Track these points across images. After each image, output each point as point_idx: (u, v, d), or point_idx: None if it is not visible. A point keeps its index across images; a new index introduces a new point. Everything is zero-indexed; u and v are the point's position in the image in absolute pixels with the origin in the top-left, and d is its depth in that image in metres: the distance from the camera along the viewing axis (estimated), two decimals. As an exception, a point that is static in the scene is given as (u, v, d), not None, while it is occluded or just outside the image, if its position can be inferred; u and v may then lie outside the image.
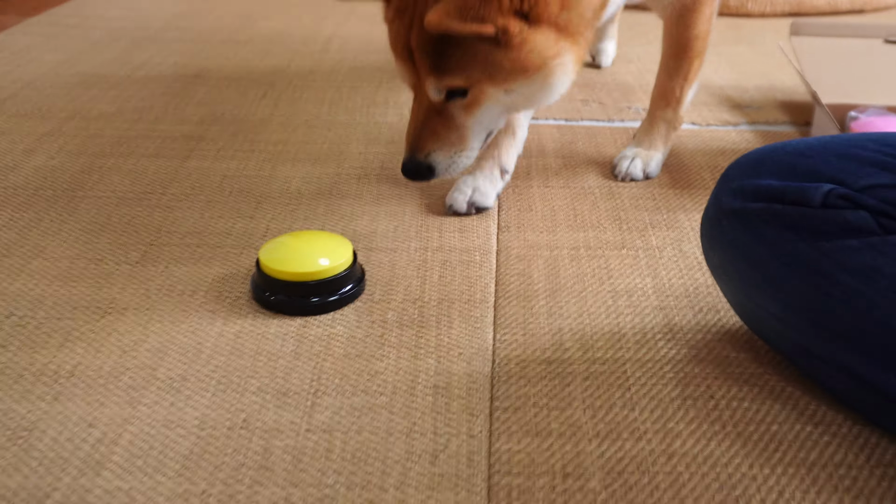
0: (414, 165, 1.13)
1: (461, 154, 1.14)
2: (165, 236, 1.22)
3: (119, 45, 2.18)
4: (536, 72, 1.07)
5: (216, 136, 1.59)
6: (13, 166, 1.44)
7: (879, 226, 0.78)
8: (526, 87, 1.10)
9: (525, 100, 1.13)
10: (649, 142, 1.43)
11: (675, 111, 1.42)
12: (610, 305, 1.07)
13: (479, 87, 1.09)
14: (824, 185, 0.80)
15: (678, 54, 1.36)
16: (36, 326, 1.02)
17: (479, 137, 1.15)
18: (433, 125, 1.12)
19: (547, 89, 1.11)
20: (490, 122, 1.15)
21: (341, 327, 1.02)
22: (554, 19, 1.05)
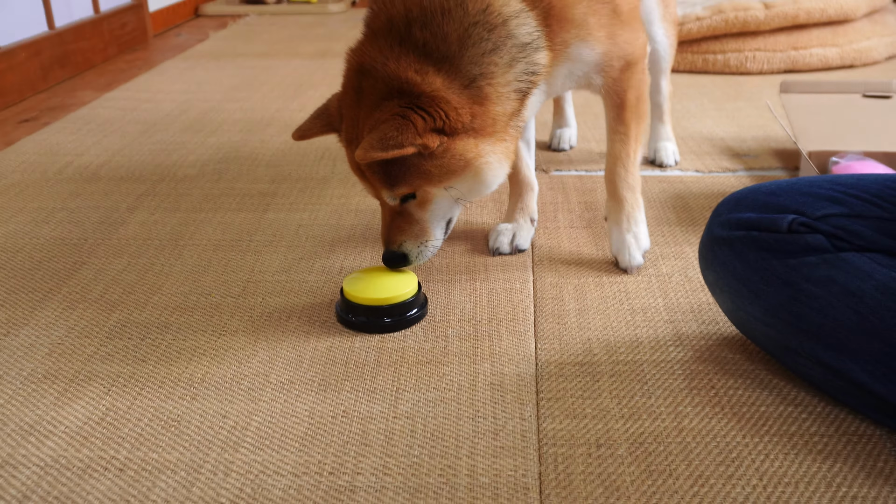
0: (390, 255, 1.31)
1: (427, 243, 1.31)
2: (258, 274, 1.48)
3: (188, 115, 2.47)
4: (464, 171, 1.22)
5: (287, 192, 1.85)
6: (121, 221, 1.71)
7: (832, 245, 1.02)
8: (461, 184, 1.25)
9: (466, 192, 1.27)
10: (626, 218, 1.46)
11: (633, 173, 1.46)
12: (629, 320, 1.31)
13: (423, 190, 1.25)
14: (789, 216, 1.04)
15: (623, 119, 1.41)
16: (167, 346, 1.27)
17: (439, 226, 1.32)
18: (398, 223, 1.30)
19: (481, 182, 1.25)
20: (444, 213, 1.31)
21: (412, 341, 1.26)
22: (469, 127, 1.20)
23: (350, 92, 1.25)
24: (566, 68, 1.32)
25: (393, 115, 1.16)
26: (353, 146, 1.26)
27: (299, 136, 1.35)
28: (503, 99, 1.22)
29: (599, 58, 1.33)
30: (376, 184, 1.25)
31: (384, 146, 1.14)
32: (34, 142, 2.24)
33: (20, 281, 1.47)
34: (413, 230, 1.30)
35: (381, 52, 1.20)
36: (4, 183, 1.94)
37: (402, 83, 1.18)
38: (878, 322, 0.96)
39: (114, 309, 1.37)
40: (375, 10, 1.25)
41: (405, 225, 1.30)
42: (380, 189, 1.26)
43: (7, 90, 2.64)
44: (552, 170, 1.96)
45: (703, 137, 2.17)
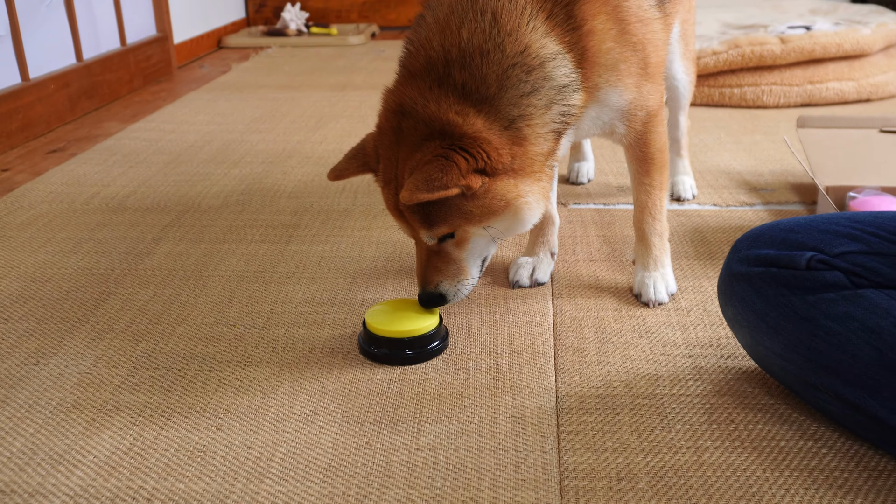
0: (427, 296, 1.31)
1: (464, 282, 1.32)
2: (282, 306, 1.50)
3: (212, 146, 2.51)
4: (504, 211, 1.24)
5: (309, 223, 1.88)
6: (147, 252, 1.75)
7: (851, 282, 1.04)
8: (500, 223, 1.27)
9: (504, 231, 1.29)
10: (654, 261, 1.50)
11: (661, 221, 1.49)
12: (648, 354, 1.32)
13: (462, 230, 1.26)
14: (808, 253, 1.06)
15: (648, 171, 1.45)
16: (192, 376, 1.29)
17: (476, 265, 1.33)
18: (435, 263, 1.30)
19: (519, 221, 1.27)
20: (481, 251, 1.32)
21: (434, 374, 1.28)
22: (509, 167, 1.22)
23: (388, 132, 1.26)
24: (594, 111, 1.34)
25: (436, 156, 1.17)
26: (391, 186, 1.27)
27: (335, 176, 1.35)
28: (541, 140, 1.24)
29: (626, 104, 1.36)
30: (415, 224, 1.26)
31: (430, 187, 1.15)
32: (62, 172, 2.29)
33: (49, 311, 1.50)
34: (450, 270, 1.31)
35: (420, 94, 1.22)
36: (33, 213, 1.98)
37: (444, 124, 1.19)
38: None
39: (140, 339, 1.40)
40: (412, 51, 1.27)
41: (442, 265, 1.30)
42: (419, 229, 1.27)
43: (36, 121, 2.69)
44: (571, 203, 1.98)
45: (720, 171, 2.19)
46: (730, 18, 3.31)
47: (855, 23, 3.07)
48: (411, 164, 1.21)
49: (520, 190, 1.24)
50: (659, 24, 1.40)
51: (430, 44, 1.24)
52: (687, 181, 2.00)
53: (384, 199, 1.32)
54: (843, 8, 3.46)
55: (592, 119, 1.36)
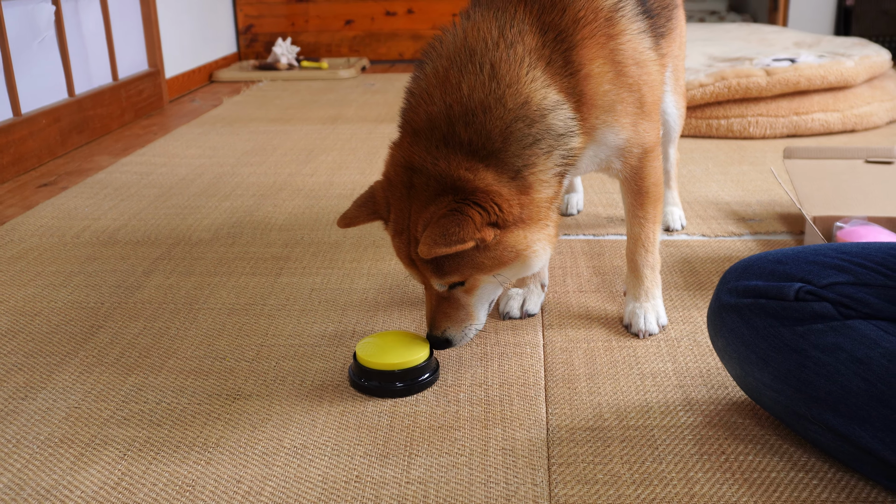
0: (434, 340, 1.33)
1: (471, 326, 1.33)
2: (272, 338, 1.50)
3: (203, 179, 2.52)
4: (514, 261, 1.26)
5: (299, 256, 1.89)
6: (137, 285, 1.74)
7: (839, 313, 1.04)
8: (509, 271, 1.29)
9: (512, 276, 1.31)
10: (645, 293, 1.51)
11: (653, 253, 1.51)
12: (639, 385, 1.32)
13: (472, 278, 1.28)
14: (796, 284, 1.07)
15: (643, 204, 1.47)
16: (182, 410, 1.29)
17: (484, 309, 1.35)
18: (444, 308, 1.32)
19: (528, 268, 1.29)
20: (489, 296, 1.34)
21: (424, 406, 1.28)
22: (518, 219, 1.24)
23: (399, 185, 1.27)
24: (592, 150, 1.36)
25: (451, 211, 1.19)
26: (403, 236, 1.28)
27: (345, 223, 1.35)
28: (545, 186, 1.26)
29: (622, 143, 1.38)
30: (427, 274, 1.27)
31: (448, 242, 1.17)
32: (52, 206, 2.29)
33: (38, 345, 1.50)
34: (458, 315, 1.32)
35: (428, 153, 1.23)
36: (23, 247, 1.98)
37: (456, 180, 1.21)
38: (885, 389, 0.98)
39: (130, 373, 1.39)
40: (413, 105, 1.28)
41: (451, 310, 1.32)
42: (430, 278, 1.28)
43: (27, 155, 2.70)
44: (561, 234, 1.99)
45: (708, 201, 2.21)
46: (716, 51, 3.35)
47: (839, 55, 3.11)
48: (425, 216, 1.22)
49: (529, 240, 1.26)
50: (655, 66, 1.42)
51: (432, 98, 1.25)
52: (676, 212, 2.02)
53: (395, 247, 1.32)
54: (827, 41, 3.51)
55: (590, 157, 1.38)
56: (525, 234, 1.25)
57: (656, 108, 1.44)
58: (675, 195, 2.04)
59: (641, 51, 1.38)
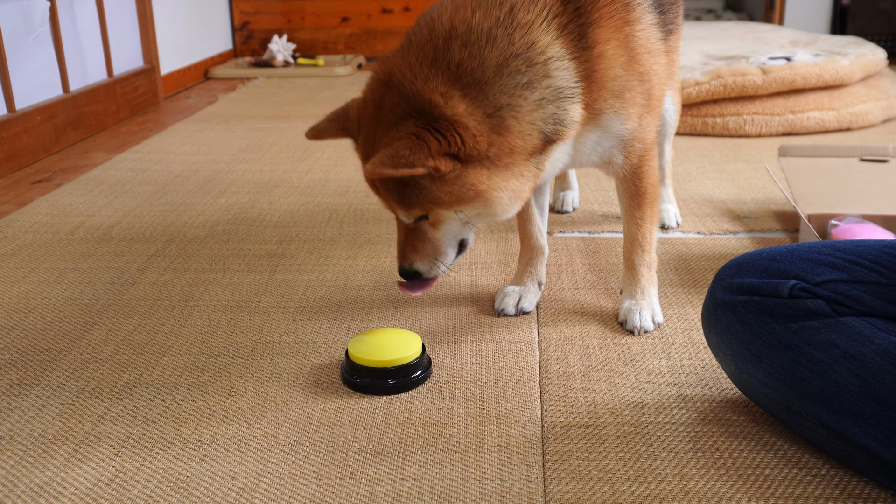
0: (403, 272, 1.34)
1: (438, 260, 1.33)
2: (267, 335, 1.50)
3: (198, 176, 2.52)
4: (474, 201, 1.23)
5: (295, 253, 1.88)
6: (132, 282, 1.74)
7: (833, 310, 1.05)
8: (470, 210, 1.26)
9: (477, 219, 1.29)
10: (641, 291, 1.52)
11: (650, 252, 1.51)
12: (633, 382, 1.32)
13: (434, 213, 1.27)
14: (790, 281, 1.07)
15: (640, 204, 1.47)
16: (177, 406, 1.28)
17: (452, 246, 1.33)
18: (412, 241, 1.32)
19: (491, 213, 1.27)
20: (455, 234, 1.32)
21: (419, 402, 1.28)
22: (484, 155, 1.20)
23: (370, 106, 1.25)
24: (596, 136, 1.35)
25: (409, 134, 1.17)
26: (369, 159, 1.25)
27: (314, 135, 1.35)
28: (525, 135, 1.22)
29: (627, 134, 1.37)
30: (390, 201, 1.28)
31: (395, 164, 1.14)
32: (47, 203, 2.28)
33: (31, 342, 1.49)
34: (426, 248, 1.32)
35: (410, 69, 1.21)
36: (18, 244, 1.97)
37: (424, 104, 1.18)
38: (879, 386, 0.98)
39: (124, 369, 1.39)
40: (420, 23, 1.27)
41: (418, 243, 1.32)
42: (394, 208, 1.29)
43: (22, 152, 2.69)
44: (556, 231, 1.99)
45: (703, 199, 2.21)
46: (712, 50, 3.35)
47: (834, 54, 3.12)
48: (385, 140, 1.20)
49: (492, 182, 1.22)
50: (663, 59, 1.42)
51: (440, 18, 1.24)
52: (671, 209, 2.02)
53: (363, 171, 1.26)
54: (823, 39, 3.51)
55: (593, 144, 1.37)
56: (489, 175, 1.22)
57: (660, 103, 1.45)
58: (670, 192, 2.05)
59: (654, 41, 1.38)
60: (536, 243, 1.60)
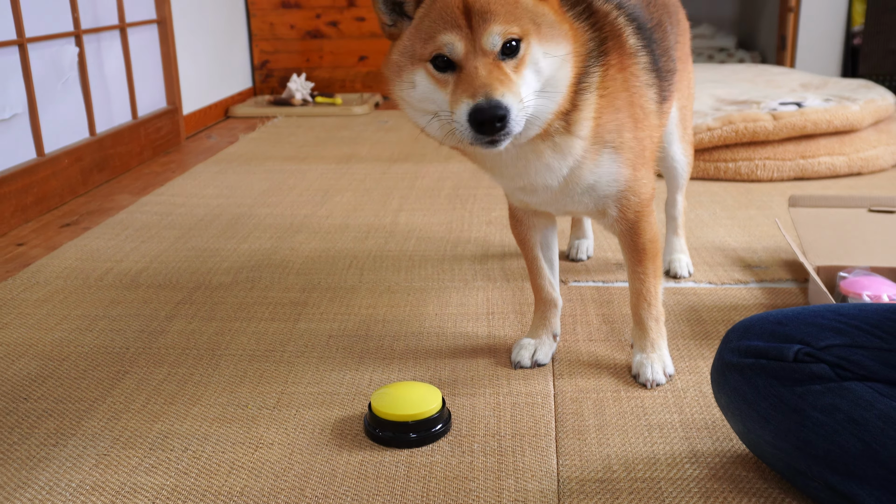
0: (490, 108, 1.17)
1: (522, 109, 1.21)
2: (292, 386, 1.56)
3: (221, 220, 2.59)
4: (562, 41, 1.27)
5: (317, 301, 1.94)
6: (161, 331, 1.80)
7: (836, 374, 1.09)
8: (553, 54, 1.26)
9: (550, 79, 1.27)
10: (650, 344, 1.56)
11: (656, 306, 1.56)
12: (646, 437, 1.37)
13: (529, 41, 1.24)
14: (795, 346, 1.12)
15: (641, 260, 1.52)
16: (207, 458, 1.34)
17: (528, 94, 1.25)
18: (497, 74, 1.20)
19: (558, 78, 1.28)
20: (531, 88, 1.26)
21: (440, 456, 1.33)
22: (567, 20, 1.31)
23: None
24: (591, 171, 1.41)
25: None
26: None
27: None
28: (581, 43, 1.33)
29: (623, 178, 1.43)
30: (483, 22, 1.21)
31: None
32: (76, 247, 2.36)
33: (67, 390, 1.56)
34: (512, 84, 1.21)
35: None
36: (50, 289, 2.05)
37: None
38: (881, 450, 1.02)
39: (156, 420, 1.45)
40: None
41: (503, 76, 1.21)
42: (487, 28, 1.21)
43: (50, 195, 2.77)
44: (570, 280, 2.04)
45: (715, 248, 2.26)
46: (723, 93, 3.41)
47: (844, 99, 3.17)
48: None
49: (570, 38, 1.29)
50: (656, 120, 1.50)
51: None
52: (683, 259, 2.07)
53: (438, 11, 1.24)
54: (833, 83, 3.57)
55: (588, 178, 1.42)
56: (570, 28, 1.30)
57: (653, 161, 1.52)
58: (682, 242, 2.10)
59: (649, 99, 1.47)
60: (548, 296, 1.65)
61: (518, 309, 1.88)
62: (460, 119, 1.21)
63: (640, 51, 1.47)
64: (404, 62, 1.29)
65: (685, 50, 1.93)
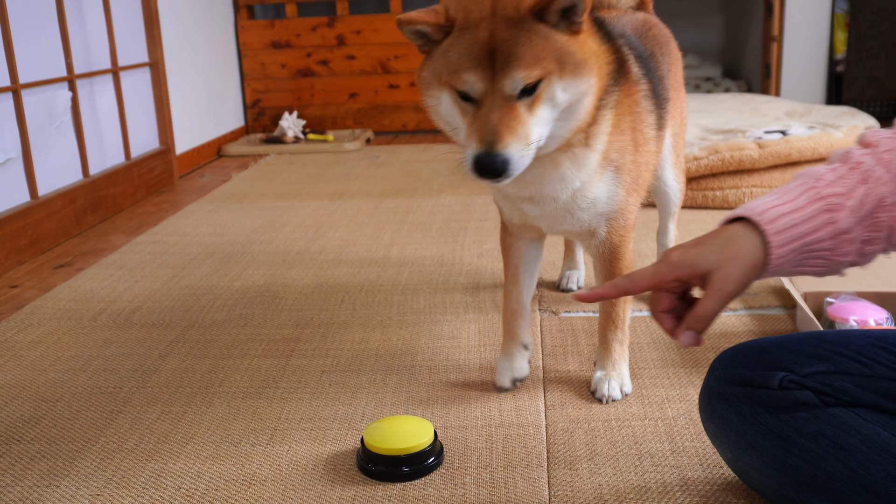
0: (491, 159, 1.23)
1: (527, 150, 1.26)
2: (285, 422, 1.56)
3: (214, 259, 2.61)
4: (586, 74, 1.29)
5: (310, 337, 1.96)
6: (154, 369, 1.81)
7: (821, 401, 1.11)
8: (573, 89, 1.28)
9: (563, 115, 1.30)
10: (612, 364, 1.63)
11: (622, 330, 1.63)
12: (637, 466, 1.38)
13: (549, 80, 1.25)
14: (780, 373, 1.13)
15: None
16: (201, 496, 1.34)
17: (537, 136, 1.28)
18: (507, 120, 1.23)
19: (579, 108, 1.31)
20: (545, 125, 1.29)
21: (432, 489, 1.33)
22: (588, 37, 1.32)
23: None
24: (596, 186, 1.47)
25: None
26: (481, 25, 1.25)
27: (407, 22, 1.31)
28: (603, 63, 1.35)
29: (618, 199, 1.49)
30: (505, 66, 1.23)
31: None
32: (69, 288, 2.37)
33: (60, 431, 1.56)
34: (520, 130, 1.24)
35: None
36: (43, 331, 2.05)
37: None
38: (866, 475, 1.04)
39: (150, 458, 1.45)
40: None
41: (514, 124, 1.24)
42: (508, 72, 1.24)
43: (44, 237, 2.79)
44: (562, 311, 2.06)
45: (704, 276, 2.28)
46: (710, 123, 3.46)
47: (828, 126, 3.22)
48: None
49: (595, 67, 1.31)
50: (653, 146, 1.57)
51: None
52: None
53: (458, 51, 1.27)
54: (817, 110, 3.62)
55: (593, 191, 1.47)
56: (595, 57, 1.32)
57: (645, 189, 1.57)
58: None
59: (649, 125, 1.53)
60: (514, 304, 1.67)
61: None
62: (468, 159, 1.26)
63: (642, 78, 1.54)
64: (432, 80, 1.33)
65: (677, 78, 1.98)
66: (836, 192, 1.03)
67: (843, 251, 1.03)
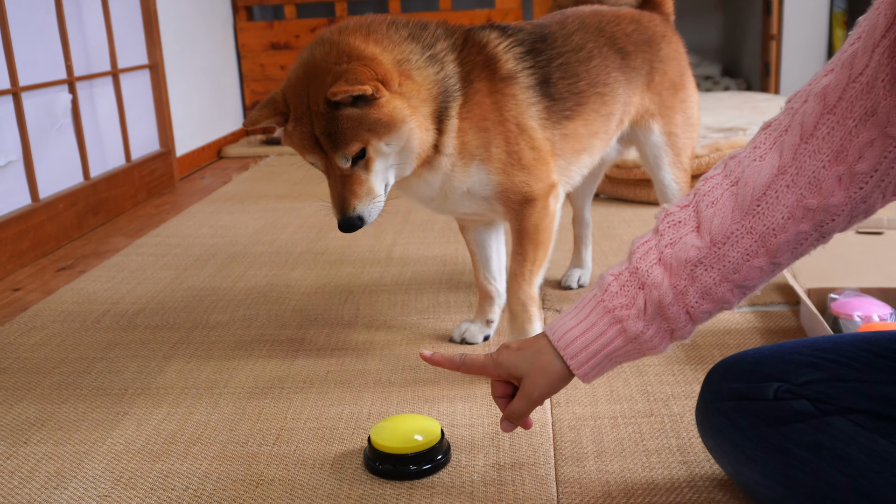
0: (348, 221, 1.50)
1: (375, 202, 1.51)
2: (291, 422, 1.56)
3: (217, 260, 2.61)
4: (399, 127, 1.47)
5: (314, 337, 1.96)
6: (159, 371, 1.81)
7: (817, 410, 1.09)
8: (395, 140, 1.48)
9: (399, 148, 1.50)
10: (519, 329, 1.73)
11: (524, 288, 1.70)
12: (644, 462, 1.38)
13: (370, 145, 1.46)
14: (775, 384, 1.12)
15: (520, 241, 1.69)
16: (209, 496, 1.34)
17: (381, 186, 1.52)
18: (350, 187, 1.49)
19: (410, 147, 1.51)
20: (384, 173, 1.52)
21: (440, 487, 1.33)
22: (397, 90, 1.48)
23: (299, 70, 1.51)
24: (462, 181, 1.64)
25: (348, 67, 1.44)
26: (304, 121, 1.47)
27: (251, 123, 1.54)
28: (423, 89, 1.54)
29: (495, 183, 1.65)
30: (331, 147, 1.46)
31: (350, 83, 1.41)
32: (72, 290, 2.37)
33: (66, 433, 1.56)
34: (363, 191, 1.49)
35: (339, 33, 1.53)
36: (47, 333, 2.05)
37: (350, 48, 1.49)
38: (867, 484, 1.03)
39: (157, 459, 1.45)
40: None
41: (356, 187, 1.49)
42: (335, 152, 1.46)
43: (46, 239, 2.79)
44: (565, 309, 2.06)
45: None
46: (710, 121, 3.46)
47: (828, 123, 3.21)
48: (327, 82, 1.44)
49: (406, 113, 1.48)
50: (539, 134, 1.66)
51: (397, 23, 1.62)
52: None
53: (296, 139, 1.51)
54: (817, 108, 3.61)
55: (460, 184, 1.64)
56: (404, 105, 1.48)
57: (539, 165, 1.66)
58: None
59: (530, 116, 1.64)
60: (484, 289, 1.90)
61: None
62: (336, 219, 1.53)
63: (521, 73, 1.65)
64: (294, 147, 1.55)
65: (668, 76, 1.98)
66: (620, 304, 1.10)
67: (649, 346, 1.11)
